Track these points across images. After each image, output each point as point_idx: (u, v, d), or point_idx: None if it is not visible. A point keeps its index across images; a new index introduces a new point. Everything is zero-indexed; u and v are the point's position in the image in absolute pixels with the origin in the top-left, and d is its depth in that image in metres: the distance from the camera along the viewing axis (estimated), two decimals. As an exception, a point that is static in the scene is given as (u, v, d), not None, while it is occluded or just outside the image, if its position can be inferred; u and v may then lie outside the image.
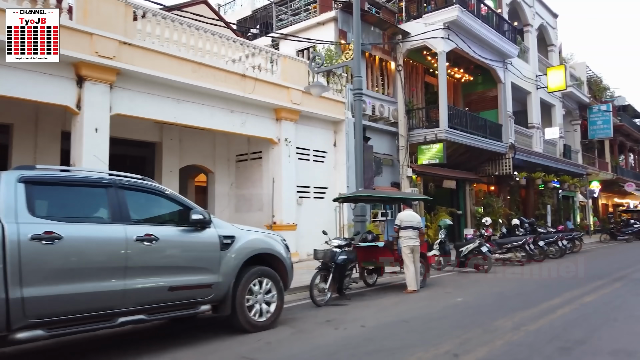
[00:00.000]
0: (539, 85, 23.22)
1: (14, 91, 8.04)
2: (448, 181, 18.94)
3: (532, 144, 22.73)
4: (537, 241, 13.87)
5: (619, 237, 25.00)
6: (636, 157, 44.16)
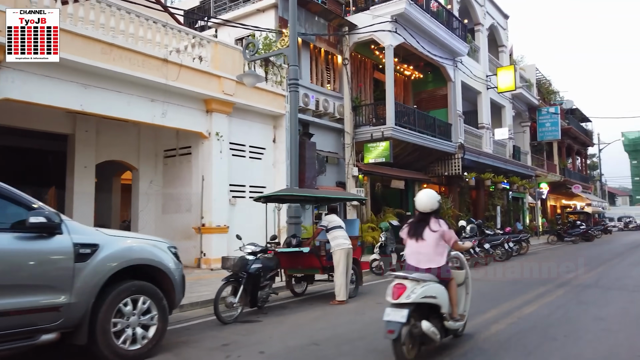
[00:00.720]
0: (489, 86, 23.07)
1: None
2: (396, 181, 18.31)
3: (482, 144, 22.53)
4: (483, 244, 13.38)
5: (565, 239, 25.26)
6: (583, 160, 45.54)
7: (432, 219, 4.70)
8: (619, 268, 12.03)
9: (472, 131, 21.87)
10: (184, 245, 12.06)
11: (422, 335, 4.11)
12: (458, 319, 4.65)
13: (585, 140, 42.09)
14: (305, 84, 14.77)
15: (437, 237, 4.57)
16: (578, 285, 8.94)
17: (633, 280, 9.62)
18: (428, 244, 4.54)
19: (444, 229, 4.62)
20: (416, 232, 4.65)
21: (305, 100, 14.27)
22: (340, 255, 7.42)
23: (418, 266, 4.55)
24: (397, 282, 4.29)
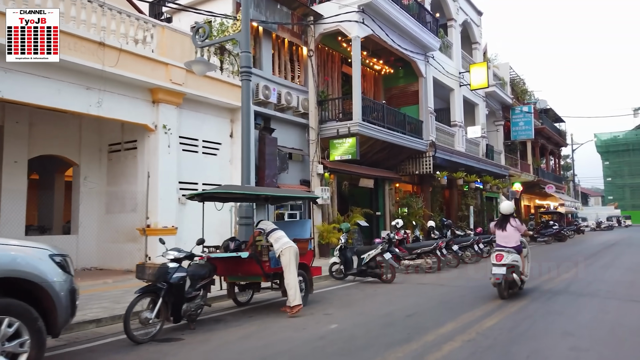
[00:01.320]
0: (462, 83, 22.55)
1: None
2: (365, 180, 17.58)
3: (455, 142, 21.99)
4: (451, 245, 12.71)
5: (538, 239, 24.99)
6: (556, 160, 45.75)
7: (511, 218, 7.90)
8: (591, 271, 11.50)
9: (445, 129, 21.30)
10: (128, 248, 11.07)
11: (512, 282, 7.46)
12: (525, 276, 7.98)
13: (559, 141, 42.25)
14: (267, 75, 13.89)
15: (514, 228, 7.72)
16: (547, 291, 8.29)
17: (605, 284, 9.03)
18: (509, 233, 7.69)
19: (518, 224, 7.82)
20: (501, 225, 7.86)
21: (266, 92, 13.38)
22: (290, 254, 6.59)
23: (505, 245, 7.64)
24: (498, 252, 7.51)
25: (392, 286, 9.34)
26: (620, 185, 79.79)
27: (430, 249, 11.50)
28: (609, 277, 10.19)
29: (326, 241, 14.31)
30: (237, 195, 7.21)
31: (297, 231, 7.76)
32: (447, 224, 15.66)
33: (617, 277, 10.13)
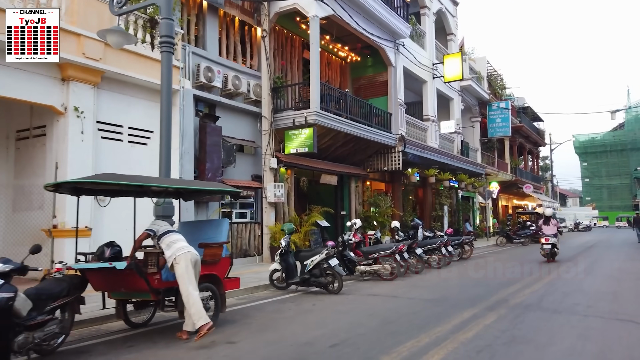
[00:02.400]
0: (435, 75, 21.27)
1: None
2: (327, 176, 16.11)
3: (427, 138, 20.70)
4: (414, 248, 11.32)
5: (515, 240, 23.91)
6: (535, 159, 45.06)
7: (552, 218, 14.50)
8: (569, 278, 10.23)
9: (416, 123, 19.98)
10: (34, 253, 9.35)
11: (553, 254, 13.81)
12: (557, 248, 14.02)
13: (537, 140, 41.50)
14: (212, 56, 12.33)
15: (553, 225, 14.23)
16: (516, 305, 6.92)
17: (584, 296, 7.72)
18: (550, 227, 14.14)
19: (555, 222, 14.49)
20: (546, 222, 14.32)
21: (209, 75, 11.80)
22: (186, 263, 5.08)
23: (549, 233, 13.95)
24: (545, 237, 13.89)
25: (337, 298, 7.87)
26: (598, 186, 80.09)
27: (389, 253, 10.06)
28: (588, 286, 8.90)
29: (278, 243, 12.78)
30: (117, 186, 5.59)
31: (210, 233, 6.23)
32: (414, 225, 14.29)
33: (598, 287, 8.84)
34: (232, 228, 12.40)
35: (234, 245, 12.52)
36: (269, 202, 13.21)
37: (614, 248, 20.07)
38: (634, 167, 73.00)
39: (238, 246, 12.69)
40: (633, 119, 73.86)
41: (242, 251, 12.78)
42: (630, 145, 73.24)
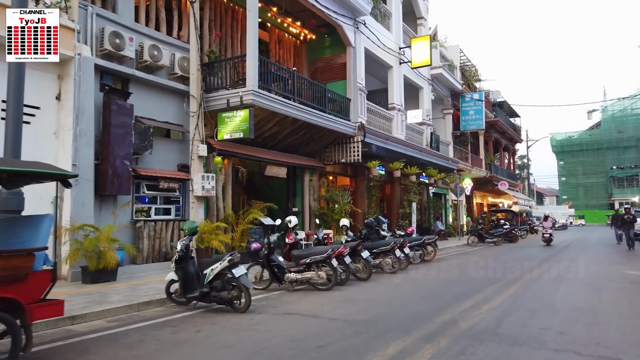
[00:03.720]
0: (402, 60, 19.55)
1: None
2: (274, 167, 14.22)
3: (392, 128, 18.97)
4: (360, 251, 9.53)
5: (487, 239, 22.43)
6: (511, 156, 43.94)
7: (549, 217, 23.29)
8: (538, 287, 8.56)
9: (380, 111, 18.23)
10: None
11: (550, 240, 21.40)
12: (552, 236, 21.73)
13: (514, 136, 40.31)
14: (124, 21, 10.30)
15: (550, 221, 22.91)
16: (465, 332, 5.16)
17: (556, 316, 6.02)
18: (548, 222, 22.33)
19: (552, 219, 23.54)
20: (545, 219, 22.81)
21: (116, 42, 9.78)
22: None
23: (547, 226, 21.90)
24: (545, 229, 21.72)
25: (238, 320, 6.01)
26: (575, 185, 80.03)
27: (323, 257, 8.23)
28: (561, 300, 7.21)
29: (206, 245, 10.87)
30: None
31: (25, 236, 4.29)
32: (367, 223, 12.54)
33: (573, 300, 7.18)
34: (148, 227, 10.46)
35: (151, 247, 10.55)
36: (196, 196, 11.26)
37: (590, 249, 18.69)
38: (609, 165, 73.05)
39: (156, 248, 10.72)
40: (609, 118, 73.87)
41: (160, 254, 10.81)
42: (606, 144, 73.22)
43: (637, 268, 11.63)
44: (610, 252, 16.18)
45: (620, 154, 72.44)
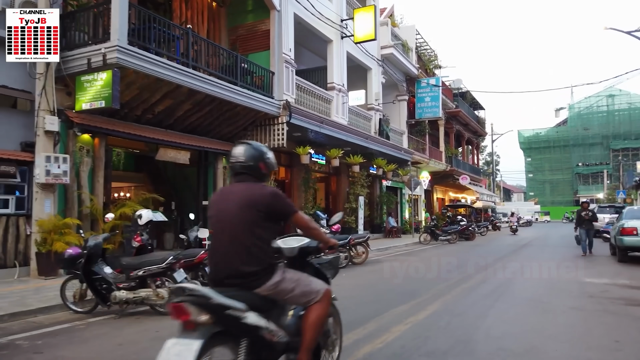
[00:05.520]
0: (344, 34, 17.19)
1: None
2: (171, 151, 11.63)
3: (331, 111, 16.61)
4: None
5: (440, 237, 20.40)
6: (475, 150, 42.35)
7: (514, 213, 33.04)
8: (464, 308, 6.31)
9: (315, 91, 15.84)
10: None
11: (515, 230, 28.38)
12: None
13: (477, 129, 38.65)
14: None
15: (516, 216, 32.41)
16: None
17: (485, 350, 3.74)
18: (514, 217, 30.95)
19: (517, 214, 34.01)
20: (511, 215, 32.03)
21: None
22: None
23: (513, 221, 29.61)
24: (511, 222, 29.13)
25: None
26: (541, 181, 79.93)
27: (162, 269, 5.73)
28: (486, 332, 4.95)
29: (48, 249, 8.25)
30: None
31: None
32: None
33: (503, 334, 4.92)
34: None
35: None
36: (39, 184, 8.59)
37: (549, 249, 16.79)
38: (575, 162, 73.02)
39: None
40: (575, 116, 73.81)
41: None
42: (572, 141, 73.16)
43: (597, 274, 9.60)
44: (570, 254, 14.24)
45: (585, 151, 72.48)
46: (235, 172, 2.77)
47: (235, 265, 2.54)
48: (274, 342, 2.57)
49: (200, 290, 2.32)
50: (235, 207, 2.61)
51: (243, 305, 2.38)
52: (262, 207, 2.59)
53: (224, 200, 2.71)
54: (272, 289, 2.61)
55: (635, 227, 11.15)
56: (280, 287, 2.65)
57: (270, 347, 2.56)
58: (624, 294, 7.11)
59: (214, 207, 2.73)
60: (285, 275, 2.71)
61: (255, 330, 2.46)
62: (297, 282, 2.76)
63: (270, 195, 2.65)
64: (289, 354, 2.72)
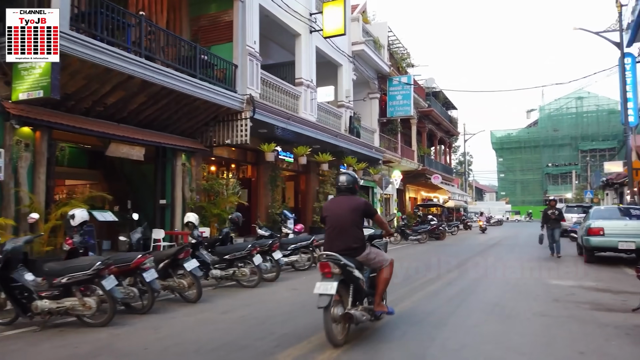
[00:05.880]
0: (313, 28, 16.71)
1: None
2: (124, 146, 10.92)
3: (299, 107, 16.12)
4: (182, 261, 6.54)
5: (410, 237, 20.19)
6: (447, 149, 42.51)
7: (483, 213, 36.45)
8: (431, 308, 5.92)
9: (282, 86, 15.31)
10: None
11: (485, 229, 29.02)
12: None
13: (450, 128, 38.74)
14: None
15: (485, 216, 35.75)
16: None
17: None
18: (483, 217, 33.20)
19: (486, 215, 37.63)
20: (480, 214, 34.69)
21: None
22: None
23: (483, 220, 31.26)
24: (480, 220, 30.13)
25: None
26: (512, 181, 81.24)
27: (89, 277, 5.13)
28: (446, 338, 4.57)
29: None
30: None
31: None
32: (232, 219, 9.59)
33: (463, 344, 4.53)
34: None
35: None
36: (-31, 179, 7.84)
37: (517, 249, 16.70)
38: (545, 163, 74.46)
39: None
40: (546, 117, 75.22)
41: None
42: (542, 142, 74.53)
43: (564, 276, 9.40)
44: (537, 254, 14.12)
45: (555, 152, 73.97)
46: (340, 190, 4.83)
47: (348, 244, 4.43)
48: (363, 289, 4.54)
49: (336, 255, 4.27)
50: (345, 210, 4.54)
51: (353, 265, 4.34)
52: (360, 211, 4.59)
53: (336, 207, 4.67)
54: (364, 257, 4.57)
55: (602, 227, 11.03)
56: (369, 256, 4.60)
57: (361, 291, 4.56)
58: (590, 298, 6.86)
59: (330, 210, 4.73)
60: (371, 250, 4.68)
61: (357, 280, 4.42)
62: (377, 254, 4.74)
63: (363, 203, 4.71)
64: (369, 298, 4.70)
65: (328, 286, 4.15)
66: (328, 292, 4.11)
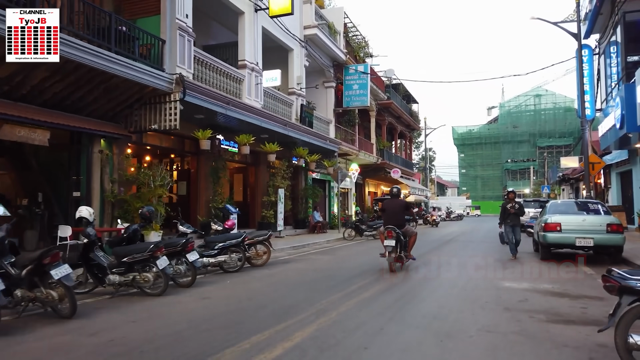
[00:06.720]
0: (259, 7, 15.36)
1: None
2: (21, 129, 9.31)
3: (243, 92, 14.76)
4: (48, 267, 5.17)
5: (365, 233, 19.19)
6: (408, 143, 41.97)
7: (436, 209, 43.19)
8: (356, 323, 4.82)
9: (221, 67, 13.90)
10: None
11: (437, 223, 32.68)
12: None
13: (410, 122, 38.15)
14: None
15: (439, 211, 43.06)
16: None
17: None
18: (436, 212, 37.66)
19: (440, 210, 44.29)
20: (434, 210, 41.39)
21: None
22: None
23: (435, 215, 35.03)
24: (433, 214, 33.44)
25: None
26: (473, 176, 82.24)
27: None
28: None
29: None
30: None
31: None
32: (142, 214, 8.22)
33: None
34: None
35: None
36: None
37: (473, 245, 15.96)
38: (505, 159, 75.60)
39: None
40: (506, 114, 76.35)
41: None
42: (502, 138, 75.61)
43: (518, 276, 8.52)
44: (492, 251, 13.36)
45: (514, 148, 75.20)
46: (393, 195, 10.00)
47: (398, 222, 9.21)
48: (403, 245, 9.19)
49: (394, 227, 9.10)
50: (398, 207, 9.48)
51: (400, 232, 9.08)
52: (402, 206, 9.64)
53: (392, 205, 9.54)
54: (405, 229, 9.34)
55: (559, 222, 10.27)
56: (407, 228, 9.52)
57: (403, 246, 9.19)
58: (545, 305, 5.92)
59: (388, 205, 9.57)
60: (407, 226, 9.72)
61: (403, 240, 9.16)
62: (411, 227, 10.17)
63: (406, 203, 10.29)
64: (404, 251, 9.26)
65: (392, 242, 8.74)
66: (391, 244, 8.73)
